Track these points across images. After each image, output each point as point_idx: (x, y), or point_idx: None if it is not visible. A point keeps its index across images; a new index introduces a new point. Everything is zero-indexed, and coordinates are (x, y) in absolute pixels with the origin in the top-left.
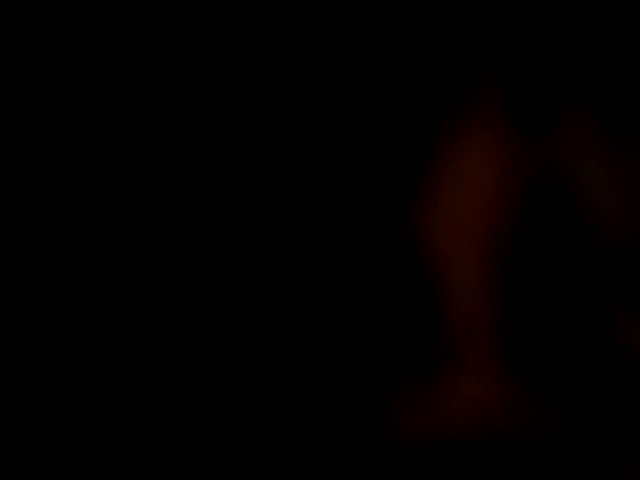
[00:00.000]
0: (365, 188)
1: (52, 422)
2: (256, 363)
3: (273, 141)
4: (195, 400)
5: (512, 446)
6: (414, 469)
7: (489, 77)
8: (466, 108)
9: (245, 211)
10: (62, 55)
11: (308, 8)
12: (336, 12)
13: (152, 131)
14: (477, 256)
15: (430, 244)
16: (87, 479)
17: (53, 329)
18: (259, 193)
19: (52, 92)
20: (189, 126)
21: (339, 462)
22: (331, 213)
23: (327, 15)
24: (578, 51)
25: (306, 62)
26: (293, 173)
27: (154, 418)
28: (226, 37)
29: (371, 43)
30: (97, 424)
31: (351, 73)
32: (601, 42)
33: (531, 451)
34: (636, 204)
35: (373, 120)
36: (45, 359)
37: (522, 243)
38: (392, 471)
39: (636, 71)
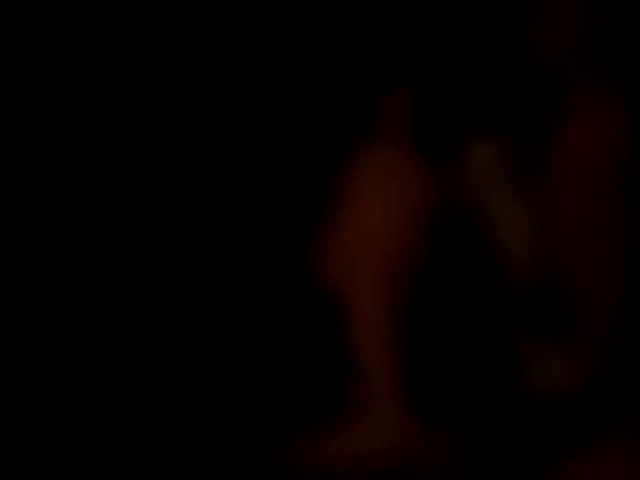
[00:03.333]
0: (263, 220)
1: (51, 422)
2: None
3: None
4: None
5: None
6: None
7: (394, 104)
8: (371, 136)
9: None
10: (62, 55)
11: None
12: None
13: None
14: (381, 291)
15: (332, 279)
16: (87, 479)
17: (52, 329)
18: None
19: (52, 92)
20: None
21: None
22: (229, 248)
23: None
24: (485, 77)
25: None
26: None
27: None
28: None
29: (278, 67)
30: (94, 424)
31: (255, 99)
32: (508, 67)
33: None
34: (543, 228)
35: (274, 147)
36: (45, 359)
37: (428, 276)
38: None
39: (541, 96)
